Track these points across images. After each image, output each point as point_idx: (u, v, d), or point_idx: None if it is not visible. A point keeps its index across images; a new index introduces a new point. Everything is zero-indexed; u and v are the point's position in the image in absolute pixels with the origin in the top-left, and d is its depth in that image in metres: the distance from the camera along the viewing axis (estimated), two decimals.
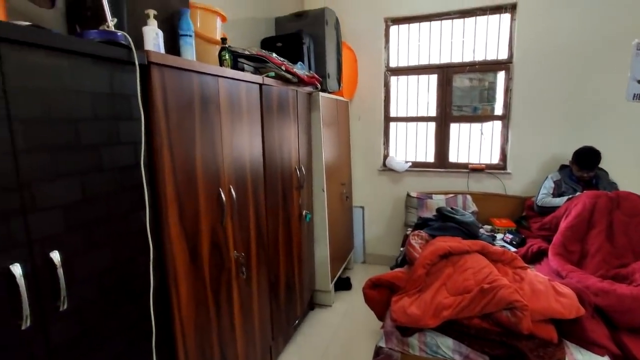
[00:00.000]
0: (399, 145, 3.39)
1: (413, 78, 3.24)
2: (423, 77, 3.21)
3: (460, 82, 3.13)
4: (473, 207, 2.91)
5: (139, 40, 1.13)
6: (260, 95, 1.77)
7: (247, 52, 1.79)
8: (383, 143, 3.36)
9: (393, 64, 3.27)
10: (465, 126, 3.16)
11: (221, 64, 1.58)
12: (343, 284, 2.94)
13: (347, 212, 3.20)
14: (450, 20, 3.05)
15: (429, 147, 3.28)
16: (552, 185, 2.61)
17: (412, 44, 3.21)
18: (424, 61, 3.18)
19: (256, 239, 1.76)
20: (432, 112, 3.21)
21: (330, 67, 2.71)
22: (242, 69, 1.77)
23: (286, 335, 2.23)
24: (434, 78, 3.16)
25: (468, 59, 3.05)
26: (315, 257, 2.64)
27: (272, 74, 1.83)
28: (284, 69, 1.92)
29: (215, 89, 1.41)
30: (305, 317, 2.55)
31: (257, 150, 1.76)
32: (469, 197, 2.98)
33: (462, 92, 3.14)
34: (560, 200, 2.46)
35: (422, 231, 2.25)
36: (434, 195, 3.05)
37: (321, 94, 2.47)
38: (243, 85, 1.61)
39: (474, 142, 3.16)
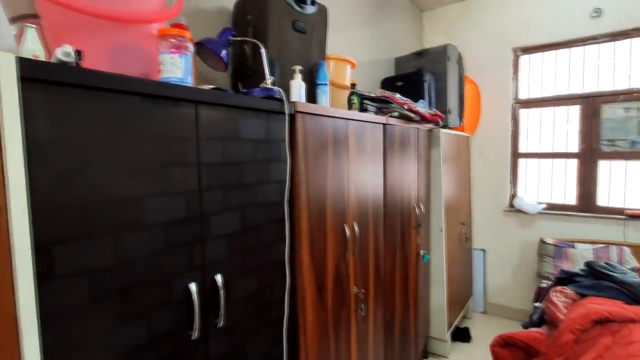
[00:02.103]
0: (529, 184, 3.04)
1: (547, 110, 2.91)
2: (560, 109, 2.86)
3: (612, 112, 2.68)
4: (633, 263, 2.38)
5: (286, 92, 1.31)
6: (384, 134, 1.82)
7: (372, 95, 1.89)
8: (510, 181, 3.05)
9: (523, 95, 3.01)
10: (619, 163, 2.67)
11: (350, 107, 1.69)
12: (461, 334, 2.68)
13: (466, 255, 2.96)
14: (596, 45, 2.68)
15: (569, 188, 2.85)
16: None
17: (546, 74, 2.91)
18: (562, 91, 2.84)
19: (374, 276, 1.76)
20: (573, 148, 2.81)
21: (452, 102, 2.64)
22: (366, 110, 1.86)
23: None
24: (575, 109, 2.79)
25: (622, 86, 2.61)
26: (431, 301, 2.49)
27: (396, 114, 1.88)
28: (406, 108, 1.95)
29: (344, 131, 1.51)
30: None
31: (379, 187, 1.79)
32: (626, 249, 2.46)
33: (614, 124, 2.68)
34: None
35: (567, 288, 1.92)
36: (576, 244, 2.61)
37: (442, 130, 2.41)
38: (368, 126, 1.69)
39: (632, 183, 2.63)
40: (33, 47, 0.68)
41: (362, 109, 1.81)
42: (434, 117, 2.18)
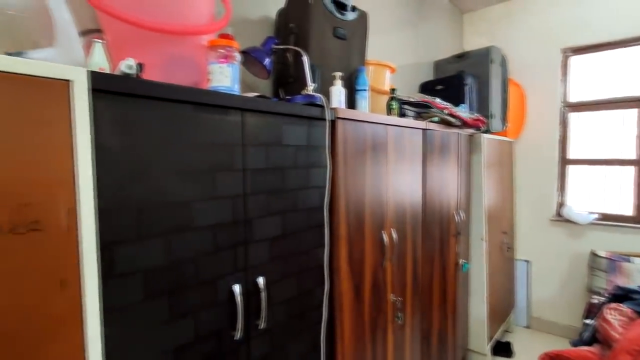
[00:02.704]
0: (578, 192, 2.85)
1: (600, 114, 2.73)
2: (615, 113, 2.67)
3: None
4: None
5: (326, 98, 1.32)
6: (423, 139, 1.78)
7: (412, 99, 1.86)
8: (557, 189, 2.89)
9: (573, 99, 2.84)
10: None
11: (389, 112, 1.68)
12: (502, 349, 2.55)
13: (508, 265, 2.82)
14: None
15: (624, 197, 2.65)
16: None
17: (599, 75, 2.73)
18: (617, 94, 2.66)
19: (412, 284, 1.73)
20: (630, 154, 2.61)
21: (495, 106, 2.54)
22: (404, 115, 1.84)
23: None
24: (633, 113, 2.59)
25: None
26: (470, 312, 2.40)
27: (436, 118, 1.84)
28: (447, 112, 1.90)
29: (383, 136, 1.49)
30: None
31: (417, 194, 1.76)
32: None
33: None
34: None
35: (622, 305, 1.79)
36: (633, 258, 2.41)
37: (484, 135, 2.32)
38: (407, 131, 1.67)
39: None
40: (99, 60, 0.73)
41: (401, 114, 1.79)
42: (475, 121, 2.11)
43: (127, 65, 0.71)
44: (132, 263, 0.73)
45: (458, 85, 2.42)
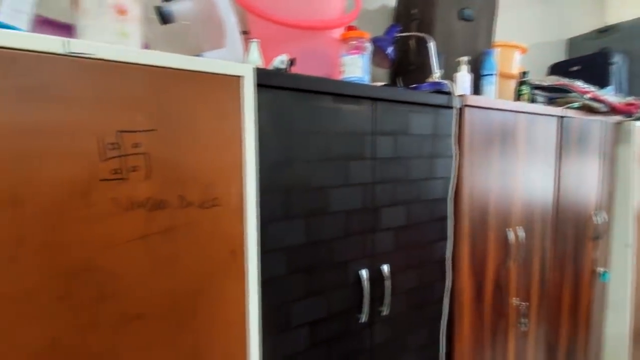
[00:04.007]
0: None
1: None
2: None
3: None
4: None
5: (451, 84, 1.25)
6: (558, 128, 1.57)
7: (545, 84, 1.65)
8: None
9: None
10: None
11: (518, 97, 1.52)
12: None
13: None
14: None
15: None
16: None
17: None
18: None
19: (538, 289, 1.56)
20: None
21: None
22: (534, 101, 1.64)
23: None
24: None
25: None
26: (606, 329, 2.06)
27: (576, 104, 1.60)
28: (589, 97, 1.64)
29: (513, 125, 1.36)
30: None
31: (549, 189, 1.57)
32: None
33: None
34: None
35: None
36: None
37: (636, 123, 1.94)
38: (541, 119, 1.49)
39: None
40: (255, 58, 0.82)
41: (531, 100, 1.61)
42: (628, 107, 1.78)
43: (280, 60, 0.77)
44: (280, 240, 0.81)
45: (601, 64, 2.07)
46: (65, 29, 0.73)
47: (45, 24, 0.69)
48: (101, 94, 0.55)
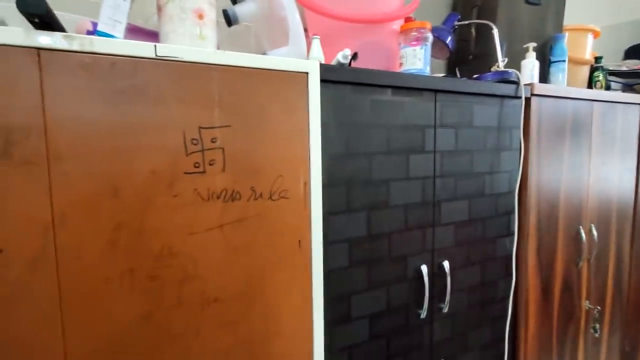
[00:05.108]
0: None
1: None
2: None
3: None
4: None
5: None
6: None
7: (622, 68, 1.50)
8: None
9: None
10: None
11: (592, 85, 1.40)
12: None
13: None
14: None
15: None
16: None
17: None
18: None
19: (613, 293, 1.43)
20: None
21: None
22: (609, 88, 1.50)
23: None
24: None
25: None
26: None
27: None
28: None
29: (587, 115, 1.26)
30: None
31: (629, 184, 1.43)
32: None
33: None
34: None
35: None
36: None
37: None
38: (619, 108, 1.36)
39: None
40: (317, 54, 0.84)
41: (606, 87, 1.47)
42: None
43: (343, 55, 0.78)
44: (342, 232, 0.82)
45: None
46: (150, 35, 0.79)
47: (132, 31, 0.76)
48: (185, 93, 0.60)
